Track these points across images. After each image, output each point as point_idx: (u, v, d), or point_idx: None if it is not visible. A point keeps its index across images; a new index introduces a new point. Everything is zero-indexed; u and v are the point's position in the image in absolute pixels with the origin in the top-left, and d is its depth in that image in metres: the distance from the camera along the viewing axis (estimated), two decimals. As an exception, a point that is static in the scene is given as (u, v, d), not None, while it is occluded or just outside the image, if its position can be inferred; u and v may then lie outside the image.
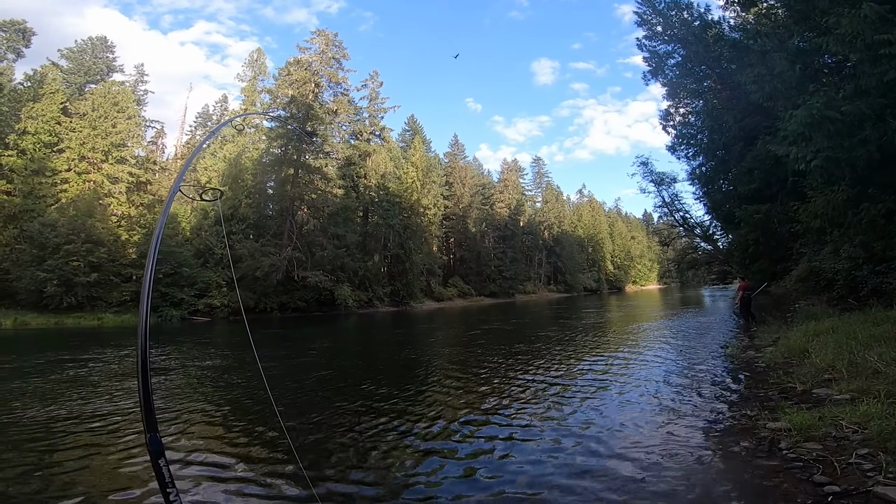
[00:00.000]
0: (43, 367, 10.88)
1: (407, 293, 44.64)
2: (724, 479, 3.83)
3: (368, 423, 5.93)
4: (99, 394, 7.95)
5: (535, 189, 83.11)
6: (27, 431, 5.89)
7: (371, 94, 47.62)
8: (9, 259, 26.90)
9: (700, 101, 19.31)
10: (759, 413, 5.16)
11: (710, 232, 22.37)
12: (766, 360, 8.19)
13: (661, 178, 22.52)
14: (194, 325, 26.21)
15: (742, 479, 3.76)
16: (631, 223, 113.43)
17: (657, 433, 5.02)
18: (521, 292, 65.72)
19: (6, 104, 31.25)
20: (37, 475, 4.48)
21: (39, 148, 30.10)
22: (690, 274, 30.40)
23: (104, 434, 5.75)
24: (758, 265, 15.77)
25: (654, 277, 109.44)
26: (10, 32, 32.30)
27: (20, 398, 7.70)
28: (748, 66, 12.05)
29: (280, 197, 36.47)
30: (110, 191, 31.30)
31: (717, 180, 19.27)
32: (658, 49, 19.33)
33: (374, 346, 16.59)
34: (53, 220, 26.98)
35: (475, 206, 63.05)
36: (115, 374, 9.88)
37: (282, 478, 4.28)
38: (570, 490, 3.83)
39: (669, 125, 21.08)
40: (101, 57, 38.43)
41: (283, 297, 32.76)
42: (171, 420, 6.25)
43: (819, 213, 10.69)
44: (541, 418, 5.88)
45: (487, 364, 10.01)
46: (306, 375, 9.39)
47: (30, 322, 24.44)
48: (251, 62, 43.26)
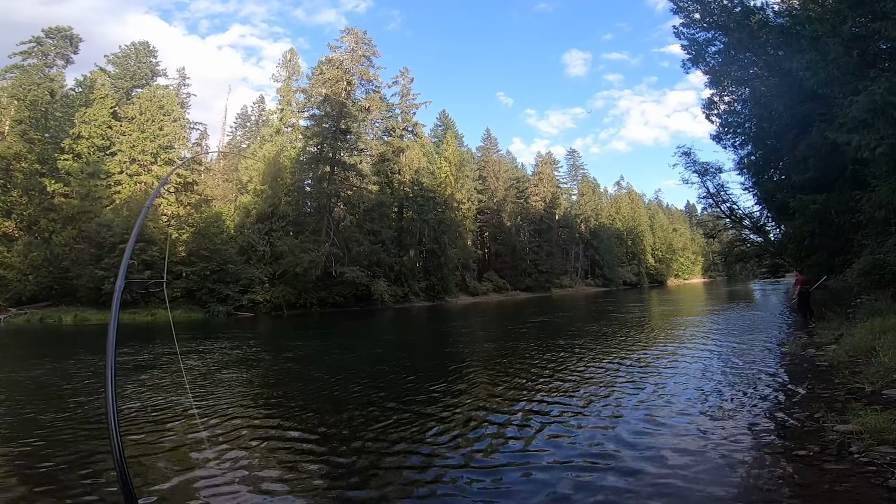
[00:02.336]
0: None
1: (442, 288, 44.93)
2: (791, 482, 3.67)
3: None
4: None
5: (570, 182, 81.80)
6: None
7: (402, 91, 48.01)
8: (68, 258, 28.69)
9: (746, 89, 18.48)
10: (825, 415, 4.90)
11: (760, 223, 21.30)
12: (828, 358, 7.78)
13: (705, 168, 21.54)
14: (239, 321, 27.26)
15: (810, 483, 3.59)
16: (673, 215, 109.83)
17: (716, 435, 4.84)
18: (558, 286, 64.92)
19: (59, 110, 33.26)
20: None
21: (93, 151, 31.83)
22: (738, 267, 29.03)
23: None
24: (814, 258, 14.94)
25: (697, 271, 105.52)
26: (58, 39, 34.25)
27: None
28: (798, 52, 11.53)
29: (317, 194, 37.42)
30: (160, 192, 32.82)
31: (767, 169, 18.38)
32: (697, 36, 18.67)
33: (440, 339, 16.76)
34: (109, 220, 28.59)
35: (509, 200, 62.60)
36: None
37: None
38: (625, 492, 3.76)
39: (713, 114, 20.20)
40: (145, 62, 40.33)
41: (321, 292, 33.61)
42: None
43: (884, 203, 10.05)
44: (590, 422, 5.75)
45: (528, 361, 9.94)
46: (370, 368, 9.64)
47: (89, 318, 26.00)
48: (285, 63, 44.37)
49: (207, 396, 7.45)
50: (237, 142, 48.93)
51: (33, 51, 33.65)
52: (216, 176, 42.98)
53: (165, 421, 6.16)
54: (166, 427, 5.90)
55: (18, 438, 5.55)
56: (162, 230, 30.40)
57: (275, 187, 35.93)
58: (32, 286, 27.59)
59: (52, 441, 5.39)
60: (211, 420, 6.12)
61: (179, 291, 29.29)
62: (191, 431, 5.72)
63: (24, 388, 8.63)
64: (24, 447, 5.25)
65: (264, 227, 34.35)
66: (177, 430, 5.78)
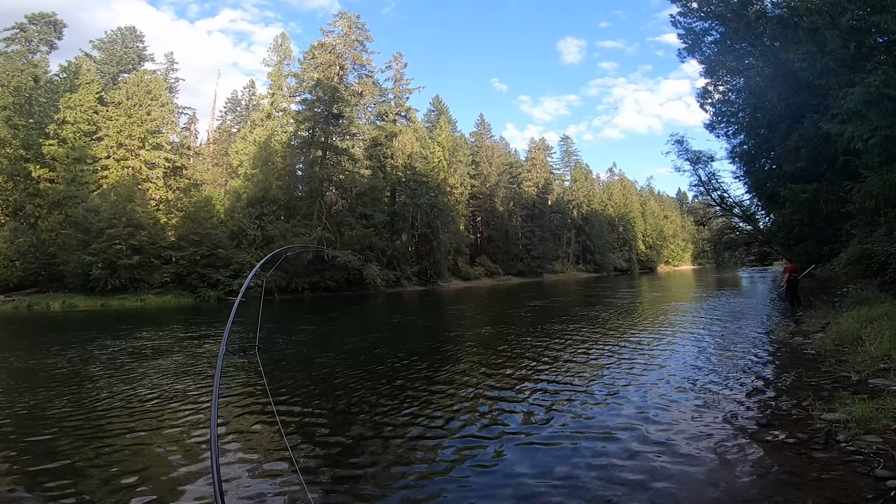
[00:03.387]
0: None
1: (434, 272, 45.06)
2: (779, 470, 3.73)
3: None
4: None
5: (563, 168, 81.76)
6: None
7: (396, 76, 47.50)
8: (55, 244, 28.28)
9: (741, 79, 18.60)
10: (812, 403, 4.99)
11: (750, 212, 21.56)
12: (815, 346, 7.89)
13: (697, 156, 21.70)
14: (230, 306, 27.03)
15: (797, 471, 3.66)
16: (664, 202, 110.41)
17: (704, 422, 4.92)
18: (550, 271, 65.32)
19: (44, 95, 32.58)
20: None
21: (79, 137, 31.27)
22: (728, 255, 29.47)
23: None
24: (802, 246, 15.16)
25: (687, 258, 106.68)
26: (41, 25, 33.44)
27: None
28: (795, 43, 11.56)
29: (309, 178, 37.21)
30: (148, 176, 32.38)
31: (759, 159, 18.54)
32: (694, 26, 18.72)
33: (438, 323, 16.80)
34: (96, 205, 28.16)
35: (502, 185, 62.52)
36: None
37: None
38: (611, 478, 3.81)
39: (707, 103, 20.33)
40: (132, 47, 39.51)
41: (313, 276, 33.48)
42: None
43: (874, 193, 10.26)
44: (574, 414, 5.68)
45: (519, 345, 10.02)
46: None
47: (78, 304, 25.70)
48: (276, 47, 43.56)
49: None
50: (227, 126, 48.11)
51: (16, 37, 32.70)
52: (206, 160, 42.39)
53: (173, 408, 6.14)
54: (174, 413, 5.89)
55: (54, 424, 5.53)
56: (151, 215, 30.02)
57: (266, 171, 35.55)
58: (19, 272, 27.17)
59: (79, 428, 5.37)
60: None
61: (169, 276, 29.04)
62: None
63: (44, 377, 8.48)
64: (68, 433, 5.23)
65: (255, 211, 34.01)
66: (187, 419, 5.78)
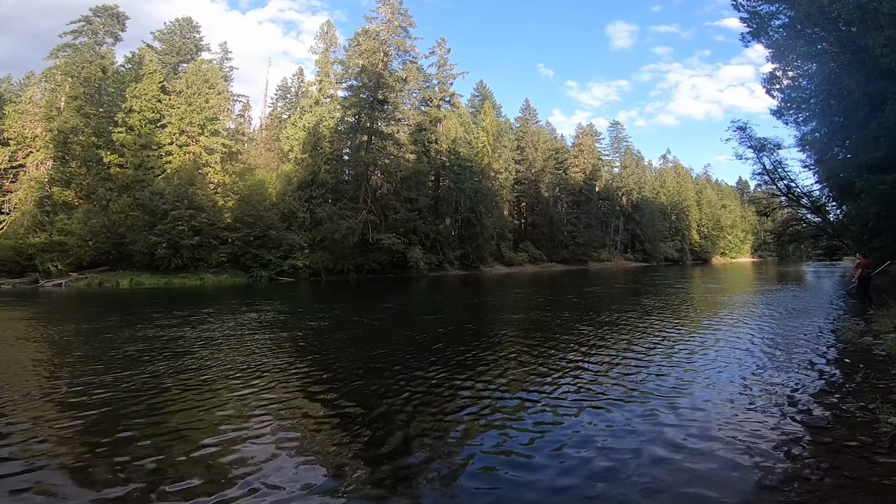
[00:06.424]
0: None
1: (477, 257, 45.16)
2: (839, 473, 3.56)
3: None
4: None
5: (612, 154, 79.02)
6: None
7: (439, 61, 47.30)
8: (124, 225, 30.45)
9: (813, 64, 17.19)
10: (880, 406, 4.69)
11: (820, 203, 20.08)
12: (886, 347, 7.35)
13: (762, 143, 20.30)
14: (280, 286, 28.36)
15: (859, 475, 3.49)
16: (722, 191, 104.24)
17: (762, 420, 4.72)
18: (595, 259, 63.81)
19: (112, 85, 34.84)
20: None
21: (145, 124, 33.25)
22: (792, 248, 27.65)
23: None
24: (878, 241, 13.95)
25: (746, 249, 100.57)
26: (105, 18, 35.48)
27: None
28: (875, 29, 10.73)
29: (355, 163, 38.17)
30: (207, 161, 34.07)
31: (832, 147, 17.15)
32: (759, 9, 17.43)
33: (482, 307, 16.95)
34: (161, 188, 30.07)
35: (548, 171, 61.26)
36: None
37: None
38: (661, 475, 3.72)
39: (775, 89, 19.02)
40: (189, 37, 41.44)
41: (358, 258, 34.45)
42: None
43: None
44: (630, 401, 5.61)
45: (561, 336, 9.91)
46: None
47: (144, 282, 27.60)
48: (322, 35, 44.24)
49: (253, 353, 7.85)
50: (278, 113, 49.65)
51: (83, 29, 34.84)
52: (259, 146, 44.02)
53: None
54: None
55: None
56: (210, 198, 31.66)
57: (314, 156, 36.69)
58: (92, 252, 29.44)
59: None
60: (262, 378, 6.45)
61: (225, 256, 30.66)
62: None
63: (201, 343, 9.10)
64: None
65: (304, 194, 35.23)
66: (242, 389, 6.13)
